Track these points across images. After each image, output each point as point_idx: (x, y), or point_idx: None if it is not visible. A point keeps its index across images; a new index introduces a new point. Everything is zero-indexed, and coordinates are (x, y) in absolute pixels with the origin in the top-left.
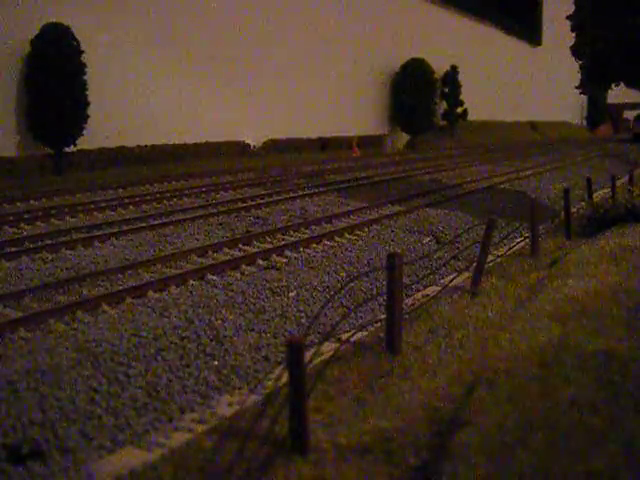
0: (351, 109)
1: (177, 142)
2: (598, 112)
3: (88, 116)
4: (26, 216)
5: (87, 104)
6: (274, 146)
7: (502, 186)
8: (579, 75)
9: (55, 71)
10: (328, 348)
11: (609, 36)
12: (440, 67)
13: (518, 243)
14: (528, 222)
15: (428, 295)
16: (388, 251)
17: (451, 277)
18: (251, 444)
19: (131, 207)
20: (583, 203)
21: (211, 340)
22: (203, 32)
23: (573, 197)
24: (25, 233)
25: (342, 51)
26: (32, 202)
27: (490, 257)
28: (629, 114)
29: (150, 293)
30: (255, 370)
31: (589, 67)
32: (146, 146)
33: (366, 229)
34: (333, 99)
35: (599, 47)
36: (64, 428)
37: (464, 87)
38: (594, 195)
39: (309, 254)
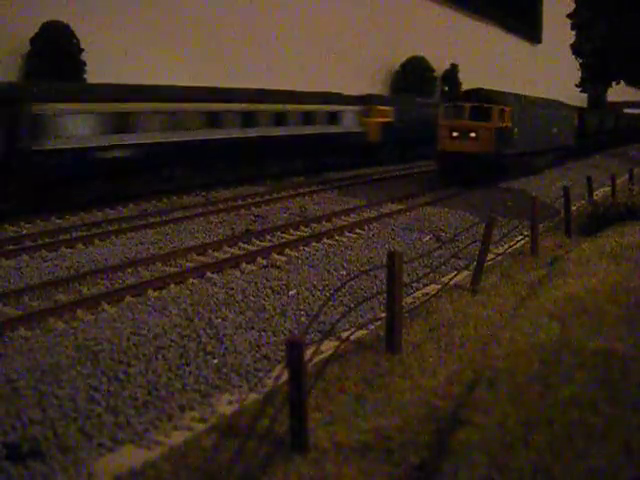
0: None
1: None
2: None
3: None
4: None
5: None
6: None
7: (501, 184)
8: (579, 73)
9: (55, 69)
10: (328, 347)
11: (609, 34)
12: (440, 65)
13: (518, 241)
14: (528, 220)
15: (428, 293)
16: (388, 249)
17: (451, 275)
18: (251, 443)
19: (131, 205)
20: (583, 201)
21: (211, 338)
22: (204, 32)
23: (573, 196)
24: (24, 231)
25: (342, 49)
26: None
27: (490, 255)
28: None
29: (150, 292)
30: (255, 369)
31: (589, 65)
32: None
33: (366, 227)
34: None
35: (599, 45)
36: (64, 427)
37: (464, 85)
38: (594, 194)
39: (309, 252)
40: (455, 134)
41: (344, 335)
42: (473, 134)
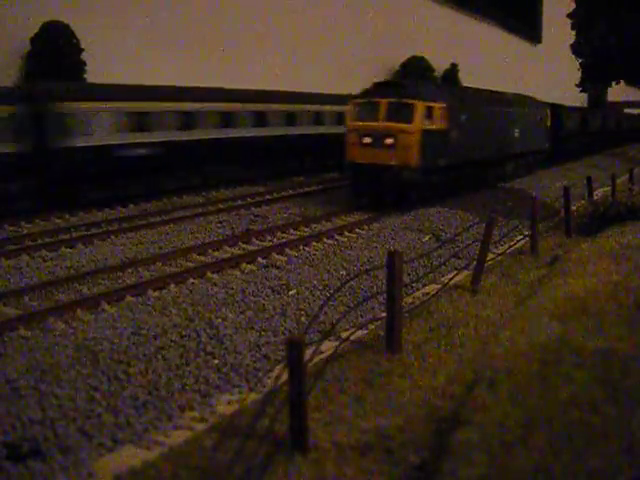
0: None
1: None
2: None
3: None
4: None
5: None
6: None
7: (501, 184)
8: (579, 73)
9: (55, 69)
10: (328, 346)
11: (609, 34)
12: (440, 65)
13: (518, 241)
14: (528, 220)
15: (428, 293)
16: (388, 249)
17: (451, 275)
18: (251, 443)
19: (131, 205)
20: (583, 201)
21: (211, 338)
22: (203, 32)
23: (573, 196)
24: (25, 231)
25: (343, 49)
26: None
27: (490, 255)
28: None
29: (150, 292)
30: (255, 368)
31: (589, 65)
32: None
33: (366, 227)
34: None
35: (599, 45)
36: (64, 427)
37: (464, 85)
38: (594, 193)
39: (309, 252)
40: (367, 140)
41: (344, 335)
42: (390, 140)
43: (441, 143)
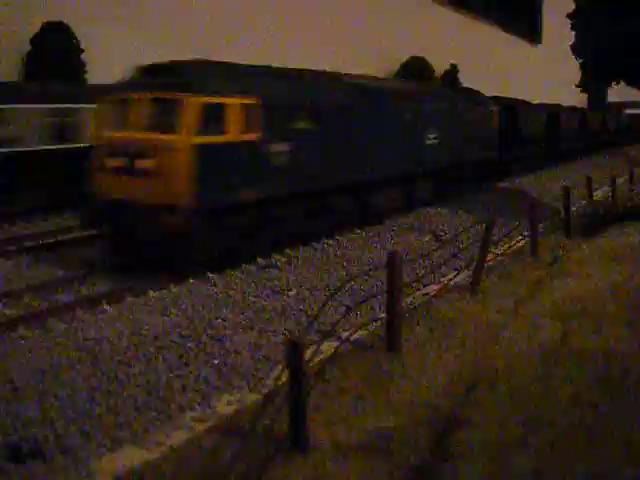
0: None
1: None
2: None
3: None
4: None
5: None
6: None
7: (501, 184)
8: (579, 73)
9: (55, 69)
10: (328, 347)
11: (609, 34)
12: (440, 66)
13: (518, 242)
14: (528, 220)
15: (428, 293)
16: (388, 249)
17: (451, 275)
18: (251, 442)
19: None
20: (583, 202)
21: (211, 339)
22: (208, 30)
23: (573, 196)
24: (25, 231)
25: (342, 50)
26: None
27: (490, 255)
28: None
29: (150, 291)
30: (255, 369)
31: (589, 65)
32: None
33: (366, 227)
34: None
35: (599, 45)
36: (64, 427)
37: (464, 85)
38: (594, 194)
39: (309, 252)
40: (115, 162)
41: (344, 335)
42: (145, 162)
43: (248, 164)
